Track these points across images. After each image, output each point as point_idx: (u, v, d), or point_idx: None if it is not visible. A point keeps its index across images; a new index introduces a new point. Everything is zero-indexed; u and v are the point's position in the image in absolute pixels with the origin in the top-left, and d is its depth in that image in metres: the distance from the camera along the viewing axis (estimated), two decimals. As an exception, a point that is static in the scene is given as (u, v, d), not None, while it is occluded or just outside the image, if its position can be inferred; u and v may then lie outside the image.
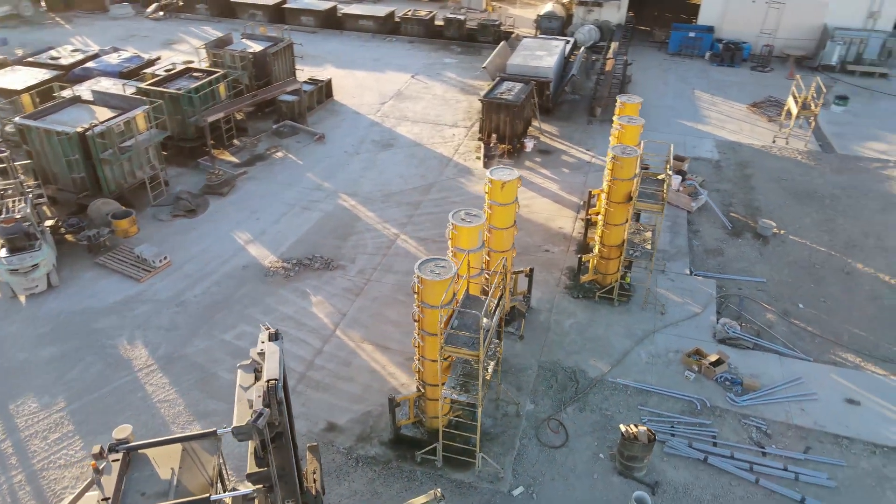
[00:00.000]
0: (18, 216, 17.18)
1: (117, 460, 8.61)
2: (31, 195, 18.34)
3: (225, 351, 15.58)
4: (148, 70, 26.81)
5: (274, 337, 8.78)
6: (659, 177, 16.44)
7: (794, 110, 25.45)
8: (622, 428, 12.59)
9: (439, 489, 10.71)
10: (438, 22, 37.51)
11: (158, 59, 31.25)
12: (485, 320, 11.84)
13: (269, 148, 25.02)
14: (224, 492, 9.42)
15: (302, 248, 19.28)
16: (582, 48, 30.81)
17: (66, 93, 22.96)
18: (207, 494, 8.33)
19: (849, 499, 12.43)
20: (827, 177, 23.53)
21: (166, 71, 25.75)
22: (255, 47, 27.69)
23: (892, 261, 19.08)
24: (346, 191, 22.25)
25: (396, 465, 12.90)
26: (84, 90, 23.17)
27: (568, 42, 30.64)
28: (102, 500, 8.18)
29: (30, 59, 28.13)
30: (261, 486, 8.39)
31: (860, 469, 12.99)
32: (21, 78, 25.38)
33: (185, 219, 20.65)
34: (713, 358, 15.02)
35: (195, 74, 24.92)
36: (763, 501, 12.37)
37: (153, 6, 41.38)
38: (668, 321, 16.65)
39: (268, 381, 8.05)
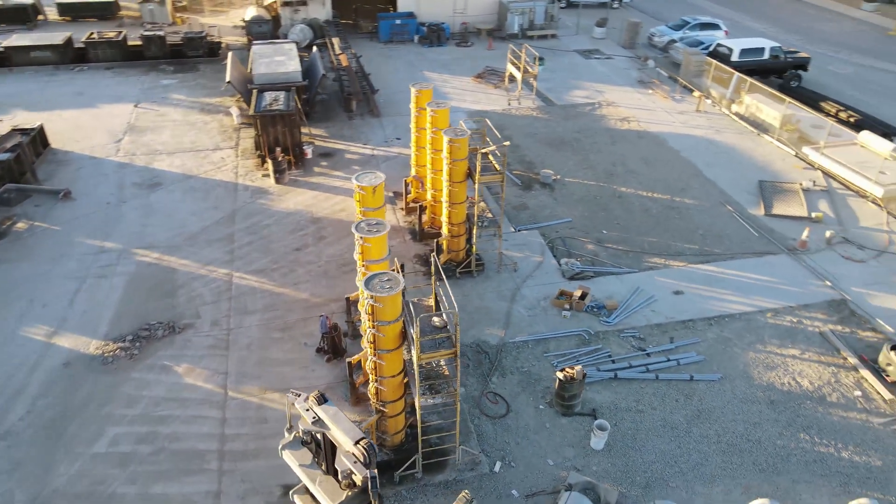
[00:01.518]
0: None
1: None
2: None
3: (109, 465, 12.79)
4: None
5: (322, 399, 7.85)
6: (482, 150, 17.85)
7: (518, 75, 29.30)
8: (559, 375, 13.93)
9: (467, 491, 10.74)
10: (134, 42, 33.48)
11: None
12: (436, 319, 12.00)
13: (1, 221, 20.18)
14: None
15: (127, 320, 16.39)
16: (315, 48, 30.72)
17: None
18: None
19: (714, 363, 15.69)
20: (563, 125, 27.84)
21: None
22: (-72, 103, 21.73)
23: (642, 179, 23.71)
24: (138, 245, 19.29)
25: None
26: None
27: (296, 44, 30.26)
28: None
29: None
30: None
31: (709, 339, 16.44)
32: None
33: (-64, 335, 15.86)
34: (578, 293, 17.24)
35: None
36: (668, 390, 14.94)
37: None
38: (524, 275, 18.47)
39: (357, 442, 7.26)
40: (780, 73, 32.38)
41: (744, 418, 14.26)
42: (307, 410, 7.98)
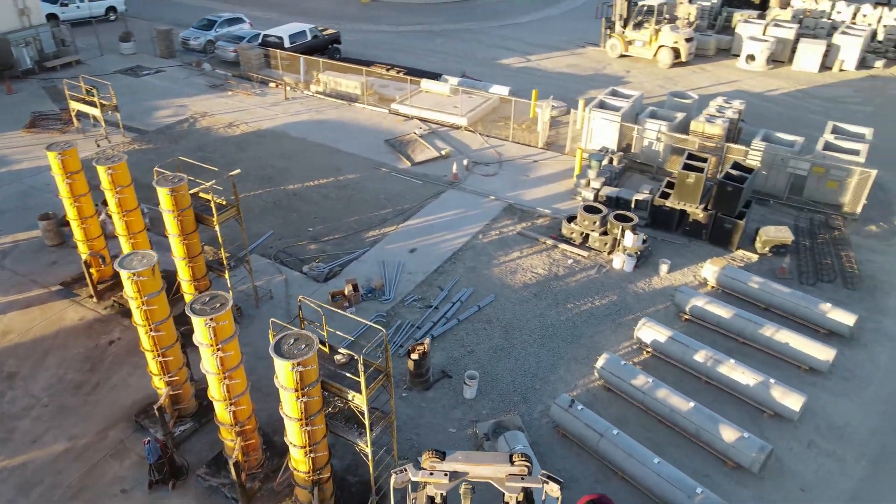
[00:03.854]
0: None
1: None
2: None
3: None
4: None
5: (442, 455, 7.08)
6: (198, 191, 15.87)
7: (96, 111, 25.30)
8: (413, 356, 14.46)
9: (465, 483, 10.85)
10: None
11: None
12: (338, 357, 11.30)
13: None
14: None
15: None
16: None
17: None
18: None
19: (481, 289, 18.27)
20: (177, 148, 25.57)
21: None
22: None
23: (297, 173, 24.15)
24: None
25: (358, 561, 11.27)
26: None
27: None
28: None
29: None
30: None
31: (462, 273, 18.93)
32: None
33: None
34: (349, 287, 17.46)
35: None
36: (474, 325, 16.94)
37: None
38: (284, 297, 17.58)
39: (511, 461, 6.95)
40: (322, 49, 35.82)
41: (531, 315, 17.39)
42: (432, 474, 7.04)
